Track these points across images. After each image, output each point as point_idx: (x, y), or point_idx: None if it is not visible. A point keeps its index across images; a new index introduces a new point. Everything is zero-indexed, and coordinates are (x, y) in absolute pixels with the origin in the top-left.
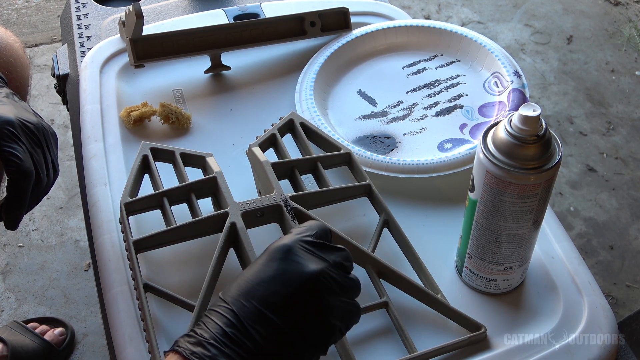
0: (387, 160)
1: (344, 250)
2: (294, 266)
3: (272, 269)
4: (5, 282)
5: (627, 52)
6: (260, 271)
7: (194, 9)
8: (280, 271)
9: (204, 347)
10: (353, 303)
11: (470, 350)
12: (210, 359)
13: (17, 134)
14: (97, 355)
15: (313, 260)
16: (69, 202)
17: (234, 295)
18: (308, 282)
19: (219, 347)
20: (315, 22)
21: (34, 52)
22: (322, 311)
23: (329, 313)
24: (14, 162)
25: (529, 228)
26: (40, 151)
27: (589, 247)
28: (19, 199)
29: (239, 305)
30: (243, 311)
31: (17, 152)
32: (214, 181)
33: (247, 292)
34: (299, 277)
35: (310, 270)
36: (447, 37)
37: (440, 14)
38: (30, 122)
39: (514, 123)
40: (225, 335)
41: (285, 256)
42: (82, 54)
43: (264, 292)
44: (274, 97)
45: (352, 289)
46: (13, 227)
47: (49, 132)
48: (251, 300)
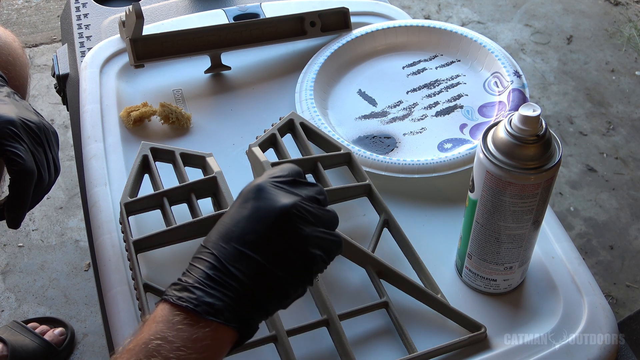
0: (387, 160)
1: (316, 185)
2: (266, 202)
3: (246, 209)
4: (5, 282)
5: (627, 52)
6: (236, 213)
7: (194, 9)
8: (254, 209)
9: (190, 291)
10: (333, 234)
11: (470, 350)
12: (196, 300)
13: (18, 134)
14: (97, 355)
15: (285, 196)
16: (69, 202)
17: (213, 240)
18: (282, 215)
19: (204, 289)
20: (315, 22)
21: (34, 52)
22: (299, 241)
23: (306, 243)
24: (16, 161)
25: (529, 228)
26: (41, 150)
27: (589, 247)
28: (21, 198)
29: (218, 248)
30: (223, 253)
31: (19, 151)
32: (214, 181)
33: (224, 234)
34: (272, 211)
35: (282, 203)
36: (447, 37)
37: (440, 14)
38: (32, 121)
39: (514, 123)
40: (208, 277)
41: (257, 195)
42: (82, 54)
43: (241, 231)
44: (274, 97)
45: (329, 220)
46: (15, 226)
47: (50, 131)
48: (230, 242)
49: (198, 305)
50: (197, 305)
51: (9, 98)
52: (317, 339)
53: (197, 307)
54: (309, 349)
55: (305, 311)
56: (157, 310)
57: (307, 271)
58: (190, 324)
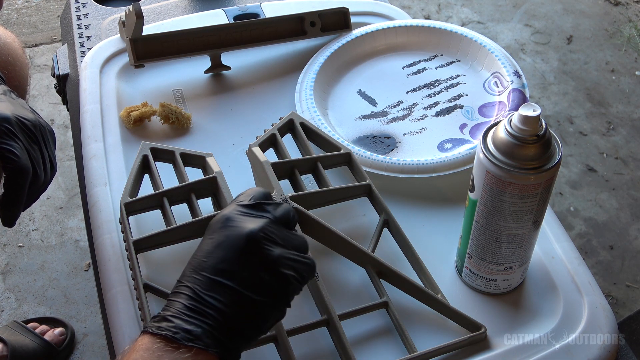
0: (387, 160)
1: (283, 204)
2: (234, 230)
3: (215, 240)
4: (5, 282)
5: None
6: (205, 244)
7: (194, 9)
8: (222, 239)
9: (169, 320)
10: (304, 256)
11: (470, 350)
12: (175, 328)
13: (14, 131)
14: (97, 355)
15: (252, 221)
16: (69, 202)
17: (187, 274)
18: (250, 240)
19: (182, 318)
20: (315, 22)
21: (34, 52)
22: (270, 263)
23: (277, 264)
24: (11, 159)
25: (529, 228)
26: (37, 148)
27: (589, 247)
28: (16, 196)
29: (192, 281)
30: (198, 284)
31: (14, 149)
32: (214, 181)
33: (197, 266)
34: (240, 238)
35: (249, 229)
36: (447, 37)
37: (440, 14)
38: (28, 119)
39: (514, 123)
40: (186, 307)
41: (224, 225)
42: (82, 54)
43: (213, 261)
44: (274, 97)
45: (299, 243)
46: (10, 224)
47: (46, 129)
48: (202, 273)
49: (177, 332)
50: (176, 332)
51: (5, 96)
52: (317, 339)
53: (175, 334)
54: (309, 349)
55: (305, 311)
56: (137, 342)
57: (282, 293)
58: (170, 350)
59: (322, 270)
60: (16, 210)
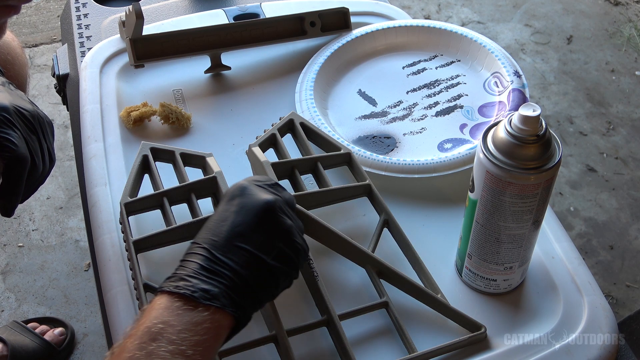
0: (387, 160)
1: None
2: (251, 197)
3: (232, 206)
4: (5, 282)
5: (627, 52)
6: (223, 210)
7: (194, 9)
8: (240, 205)
9: (186, 280)
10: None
11: (470, 350)
12: (193, 287)
13: (12, 120)
14: (97, 355)
15: (267, 193)
16: (69, 202)
17: (204, 236)
18: (267, 208)
19: (199, 278)
20: (315, 22)
21: (33, 52)
22: (285, 231)
23: (290, 233)
24: (9, 147)
25: (529, 228)
26: (35, 138)
27: (589, 247)
28: (14, 185)
29: (209, 242)
30: (215, 245)
31: (13, 137)
32: (214, 181)
33: (214, 229)
34: (257, 204)
35: (266, 197)
36: (447, 37)
37: (440, 14)
38: (26, 109)
39: (514, 123)
40: (203, 268)
41: (241, 192)
42: (82, 54)
43: (230, 225)
44: (274, 97)
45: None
46: (8, 214)
47: (44, 120)
48: (220, 235)
49: (195, 291)
50: (194, 291)
51: (4, 87)
52: (317, 339)
53: (194, 293)
54: (309, 349)
55: (305, 311)
56: (154, 300)
57: (294, 260)
58: (189, 309)
59: (322, 270)
60: (14, 199)
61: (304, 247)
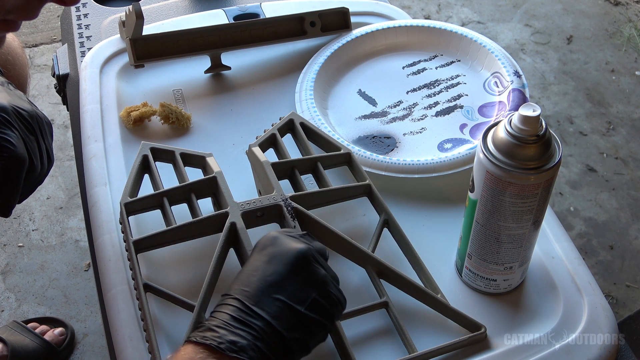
0: (387, 160)
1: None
2: (283, 247)
3: (264, 256)
4: (5, 282)
5: (627, 52)
6: (254, 260)
7: (194, 9)
8: (272, 254)
9: (213, 331)
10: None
11: (470, 350)
12: (219, 338)
13: (10, 120)
14: (97, 355)
15: (299, 242)
16: (69, 202)
17: (235, 288)
18: (300, 257)
19: (227, 329)
20: (315, 22)
21: (33, 52)
22: (319, 280)
23: (325, 283)
24: (7, 147)
25: (529, 228)
26: (34, 139)
27: (589, 247)
28: (12, 185)
29: (241, 293)
30: (247, 296)
31: (10, 137)
32: (214, 181)
33: (245, 280)
34: (290, 253)
35: (299, 247)
36: (447, 37)
37: (440, 14)
38: (24, 109)
39: (514, 123)
40: (232, 319)
41: (273, 242)
42: (82, 54)
43: (262, 274)
44: (274, 97)
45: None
46: (5, 214)
47: (43, 121)
48: (251, 285)
49: (222, 342)
50: (221, 342)
51: (3, 87)
52: None
53: (220, 344)
54: None
55: None
56: (180, 351)
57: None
58: None
59: None
60: (12, 199)
61: (339, 298)
